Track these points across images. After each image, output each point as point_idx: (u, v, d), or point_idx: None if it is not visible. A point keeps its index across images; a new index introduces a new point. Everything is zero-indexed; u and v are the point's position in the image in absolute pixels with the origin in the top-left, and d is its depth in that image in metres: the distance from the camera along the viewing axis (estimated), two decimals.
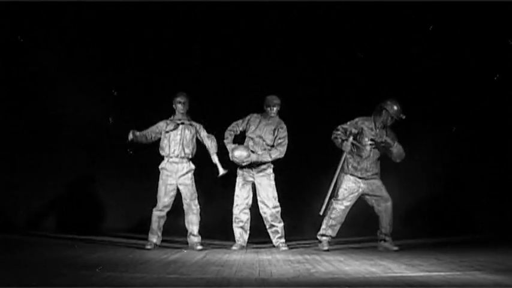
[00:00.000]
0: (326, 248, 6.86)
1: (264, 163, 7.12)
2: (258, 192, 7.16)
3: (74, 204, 9.02)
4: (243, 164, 7.09)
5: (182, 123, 7.11)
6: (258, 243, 7.53)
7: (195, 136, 7.13)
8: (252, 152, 7.10)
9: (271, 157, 7.10)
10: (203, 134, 7.14)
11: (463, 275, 4.90)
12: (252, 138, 7.19)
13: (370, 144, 6.92)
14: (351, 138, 6.86)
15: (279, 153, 7.11)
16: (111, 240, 7.82)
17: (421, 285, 4.48)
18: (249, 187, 7.20)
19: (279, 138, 7.14)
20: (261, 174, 7.14)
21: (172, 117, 7.17)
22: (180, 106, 7.11)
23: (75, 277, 4.78)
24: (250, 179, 7.18)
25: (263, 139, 7.15)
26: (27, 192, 8.98)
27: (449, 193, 8.91)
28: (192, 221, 7.03)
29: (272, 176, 7.17)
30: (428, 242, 7.62)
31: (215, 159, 7.06)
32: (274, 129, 7.16)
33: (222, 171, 7.03)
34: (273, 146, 7.14)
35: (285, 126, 7.20)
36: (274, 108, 7.17)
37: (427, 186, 8.90)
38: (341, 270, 5.23)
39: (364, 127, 6.96)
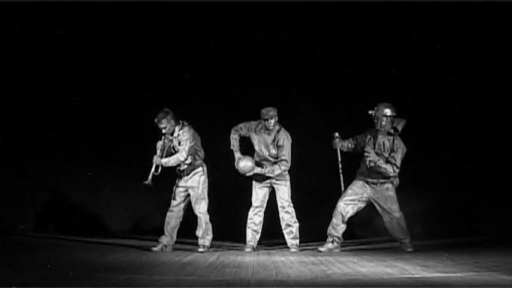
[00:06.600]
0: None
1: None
2: (276, 192, 7.16)
3: (81, 206, 9.00)
4: (247, 175, 7.08)
5: (170, 141, 6.95)
6: (268, 245, 7.55)
7: (188, 139, 6.87)
8: (258, 165, 7.05)
9: (273, 173, 7.05)
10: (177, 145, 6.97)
11: (481, 276, 4.91)
12: (256, 152, 7.15)
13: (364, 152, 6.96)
14: (336, 134, 7.08)
15: (280, 171, 7.02)
16: (120, 242, 7.79)
17: (441, 286, 4.50)
18: (265, 190, 7.19)
19: (281, 152, 7.01)
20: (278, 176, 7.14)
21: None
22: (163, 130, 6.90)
23: (94, 279, 4.77)
24: (268, 180, 7.15)
25: (268, 152, 7.06)
26: (34, 194, 8.94)
27: (453, 194, 8.90)
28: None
29: (288, 177, 7.16)
30: (435, 243, 7.60)
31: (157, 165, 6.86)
32: (275, 141, 7.03)
33: (149, 181, 6.81)
34: (277, 157, 7.06)
35: (284, 137, 7.04)
36: (272, 121, 6.99)
37: (431, 187, 8.89)
38: (357, 272, 5.24)
39: (365, 137, 7.04)
